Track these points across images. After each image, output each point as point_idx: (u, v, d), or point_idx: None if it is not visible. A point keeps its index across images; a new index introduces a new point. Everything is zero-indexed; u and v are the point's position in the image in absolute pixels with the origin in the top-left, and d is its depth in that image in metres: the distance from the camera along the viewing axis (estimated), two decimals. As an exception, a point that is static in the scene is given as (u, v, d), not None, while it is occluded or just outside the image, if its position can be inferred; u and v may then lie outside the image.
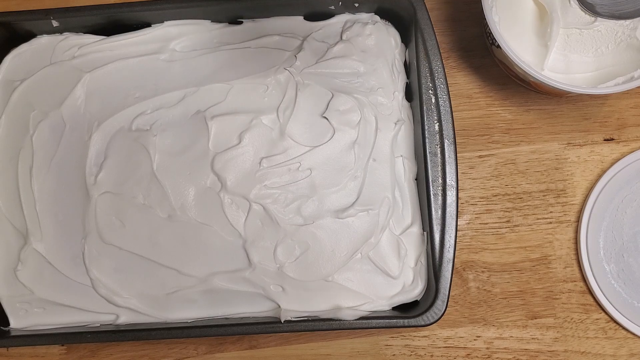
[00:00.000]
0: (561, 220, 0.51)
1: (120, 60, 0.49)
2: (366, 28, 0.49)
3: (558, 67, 0.48)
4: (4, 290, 0.49)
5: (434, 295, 0.45)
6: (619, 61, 0.47)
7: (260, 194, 0.46)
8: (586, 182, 0.52)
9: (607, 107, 0.52)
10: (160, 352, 0.51)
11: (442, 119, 0.47)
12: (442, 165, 0.47)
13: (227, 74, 0.49)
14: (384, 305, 0.47)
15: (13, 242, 0.49)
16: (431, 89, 0.47)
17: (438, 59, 0.47)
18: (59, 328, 0.48)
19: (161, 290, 0.47)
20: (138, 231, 0.47)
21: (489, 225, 0.52)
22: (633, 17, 0.45)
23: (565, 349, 0.50)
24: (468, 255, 0.51)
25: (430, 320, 0.45)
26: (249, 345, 0.51)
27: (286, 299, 0.46)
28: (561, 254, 0.51)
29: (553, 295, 0.51)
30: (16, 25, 0.50)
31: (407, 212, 0.48)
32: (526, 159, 0.52)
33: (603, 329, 0.51)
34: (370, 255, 0.47)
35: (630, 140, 0.52)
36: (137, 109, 0.48)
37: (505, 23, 0.46)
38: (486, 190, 0.52)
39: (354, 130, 0.47)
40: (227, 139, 0.47)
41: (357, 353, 0.51)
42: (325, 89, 0.48)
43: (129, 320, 0.48)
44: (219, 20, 0.50)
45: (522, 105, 0.53)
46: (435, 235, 0.46)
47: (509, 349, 0.50)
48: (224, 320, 0.47)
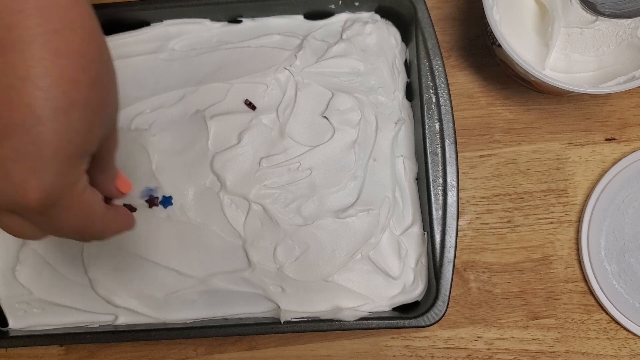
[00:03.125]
0: (562, 220, 0.51)
1: (119, 60, 0.49)
2: (366, 27, 0.49)
3: (559, 67, 0.48)
4: (2, 291, 0.48)
5: (435, 295, 0.45)
6: (620, 60, 0.47)
7: (259, 194, 0.46)
8: (587, 182, 0.52)
9: (608, 107, 0.52)
10: (160, 353, 0.51)
11: (442, 118, 0.47)
12: (442, 165, 0.47)
13: (227, 73, 0.49)
14: (385, 305, 0.46)
15: (12, 242, 0.48)
16: (432, 88, 0.47)
17: (439, 58, 0.47)
18: (58, 328, 0.48)
19: (160, 290, 0.47)
20: (137, 231, 0.47)
21: (489, 226, 0.51)
22: (634, 16, 0.45)
23: (566, 349, 0.50)
24: (469, 256, 0.51)
25: (431, 321, 0.45)
26: (248, 346, 0.51)
27: (286, 299, 0.46)
28: (562, 254, 0.51)
29: (554, 295, 0.51)
30: (15, 24, 0.50)
31: (407, 212, 0.48)
32: (527, 159, 0.52)
33: (604, 330, 0.50)
34: (370, 255, 0.46)
35: (632, 140, 0.52)
36: (136, 108, 0.48)
37: (506, 22, 0.46)
38: (487, 190, 0.52)
39: (354, 129, 0.47)
40: (227, 139, 0.47)
41: (358, 354, 0.51)
42: (325, 88, 0.48)
43: (128, 321, 0.47)
44: (219, 20, 0.50)
45: (523, 105, 0.52)
46: (436, 236, 0.46)
47: (510, 350, 0.50)
48: (224, 321, 0.47)
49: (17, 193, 0.26)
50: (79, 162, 0.28)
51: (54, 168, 0.26)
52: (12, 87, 0.25)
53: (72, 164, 0.27)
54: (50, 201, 0.27)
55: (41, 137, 0.25)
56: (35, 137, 0.25)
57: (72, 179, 0.28)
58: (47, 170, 0.26)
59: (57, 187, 0.27)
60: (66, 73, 0.25)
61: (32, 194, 0.26)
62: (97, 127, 0.27)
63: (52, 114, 0.25)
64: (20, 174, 0.26)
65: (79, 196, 0.28)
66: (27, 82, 0.25)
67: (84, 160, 0.28)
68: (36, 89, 0.25)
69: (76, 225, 0.29)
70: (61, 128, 0.26)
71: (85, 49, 0.26)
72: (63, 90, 0.25)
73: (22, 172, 0.26)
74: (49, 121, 0.25)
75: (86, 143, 0.27)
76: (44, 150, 0.25)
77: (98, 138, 0.28)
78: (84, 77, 0.26)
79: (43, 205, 0.27)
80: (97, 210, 0.30)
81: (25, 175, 0.26)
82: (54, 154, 0.26)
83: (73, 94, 0.26)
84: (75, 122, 0.26)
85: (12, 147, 0.25)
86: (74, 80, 0.26)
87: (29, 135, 0.25)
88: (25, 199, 0.26)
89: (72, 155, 0.27)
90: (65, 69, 0.25)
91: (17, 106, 0.25)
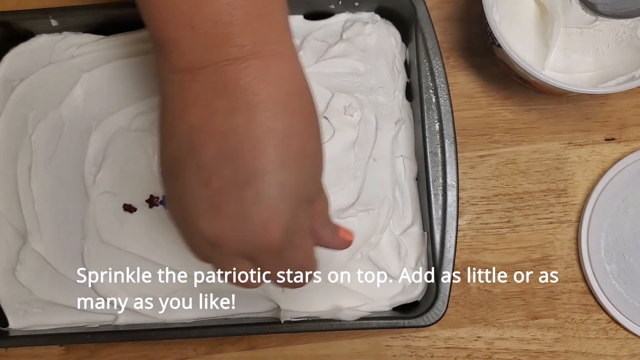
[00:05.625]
0: (562, 220, 0.51)
1: (119, 60, 0.49)
2: (366, 27, 0.49)
3: (559, 67, 0.48)
4: (2, 291, 0.48)
5: (435, 295, 0.45)
6: (620, 61, 0.47)
7: (260, 193, 0.46)
8: (587, 182, 0.52)
9: (608, 107, 0.52)
10: (160, 353, 0.51)
11: (442, 118, 0.47)
12: (442, 165, 0.47)
13: (227, 74, 0.48)
14: (384, 305, 0.46)
15: (12, 242, 0.48)
16: (432, 88, 0.47)
17: (438, 58, 0.47)
18: (58, 328, 0.48)
19: (160, 290, 0.47)
20: (137, 231, 0.47)
21: (489, 225, 0.51)
22: (634, 16, 0.45)
23: (566, 349, 0.50)
24: (469, 256, 0.51)
25: (431, 321, 0.45)
26: (248, 345, 0.51)
27: (286, 299, 0.46)
28: (562, 254, 0.51)
29: (554, 295, 0.51)
30: (15, 24, 0.50)
31: (407, 212, 0.48)
32: (527, 159, 0.52)
33: (604, 330, 0.50)
34: (370, 255, 0.46)
35: (632, 140, 0.52)
36: (137, 108, 0.48)
37: (506, 22, 0.46)
38: (487, 190, 0.52)
39: (354, 130, 0.47)
40: (227, 139, 0.47)
41: (357, 354, 0.51)
42: (325, 88, 0.48)
43: (128, 321, 0.47)
44: (219, 20, 0.50)
45: (522, 105, 0.52)
46: (436, 236, 0.46)
47: (509, 350, 0.50)
48: (224, 320, 0.47)
49: (259, 234, 0.29)
50: (307, 206, 0.31)
51: (290, 209, 0.29)
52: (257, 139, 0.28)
53: (302, 206, 0.30)
54: (288, 240, 0.29)
55: (281, 180, 0.29)
56: (276, 180, 0.28)
57: (303, 219, 0.31)
58: (286, 211, 0.29)
59: (293, 226, 0.30)
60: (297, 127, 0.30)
61: (274, 234, 0.29)
62: (319, 176, 0.32)
63: (289, 160, 0.29)
64: (261, 215, 0.29)
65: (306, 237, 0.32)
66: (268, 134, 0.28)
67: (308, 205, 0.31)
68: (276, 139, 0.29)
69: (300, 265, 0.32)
70: (296, 173, 0.29)
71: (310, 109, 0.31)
72: (297, 141, 0.29)
73: (264, 213, 0.29)
74: (287, 167, 0.29)
75: (312, 189, 0.31)
76: (283, 192, 0.29)
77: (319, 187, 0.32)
78: (310, 131, 0.31)
79: (283, 244, 0.29)
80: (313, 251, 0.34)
81: (266, 215, 0.29)
82: (290, 195, 0.29)
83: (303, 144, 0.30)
84: (306, 169, 0.30)
85: (254, 191, 0.28)
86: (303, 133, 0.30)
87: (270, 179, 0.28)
88: (267, 238, 0.29)
89: (303, 199, 0.30)
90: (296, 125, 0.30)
91: (259, 155, 0.28)
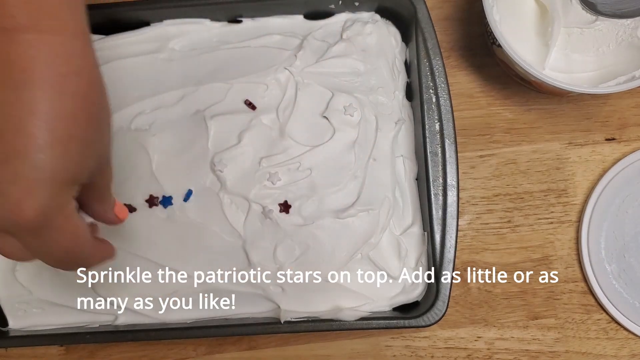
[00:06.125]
0: (562, 220, 0.51)
1: (119, 60, 0.49)
2: (366, 27, 0.49)
3: (559, 67, 0.48)
4: (2, 291, 0.48)
5: (435, 295, 0.45)
6: (620, 60, 0.47)
7: (259, 193, 0.46)
8: (587, 182, 0.52)
9: (608, 107, 0.52)
10: (160, 353, 0.51)
11: (442, 118, 0.47)
12: (442, 165, 0.47)
13: (227, 73, 0.48)
14: (385, 305, 0.46)
15: (12, 242, 0.48)
16: (432, 88, 0.47)
17: (439, 58, 0.47)
18: (58, 328, 0.48)
19: (160, 290, 0.47)
20: (137, 231, 0.47)
21: (490, 226, 0.51)
22: (634, 16, 0.45)
23: (566, 349, 0.50)
24: (469, 256, 0.51)
25: (431, 321, 0.45)
26: (248, 346, 0.51)
27: (286, 299, 0.46)
28: (562, 254, 0.51)
29: (554, 295, 0.51)
30: (15, 24, 0.50)
31: (407, 212, 0.48)
32: (527, 159, 0.52)
33: (604, 330, 0.50)
34: (370, 255, 0.46)
35: (632, 139, 0.52)
36: (136, 108, 0.48)
37: (506, 22, 0.46)
38: (487, 190, 0.52)
39: (354, 130, 0.47)
40: (227, 139, 0.47)
41: (357, 354, 0.51)
42: (325, 88, 0.48)
43: (128, 321, 0.47)
44: (219, 20, 0.50)
45: (523, 105, 0.52)
46: (436, 236, 0.46)
47: (510, 350, 0.50)
48: (224, 320, 0.47)
49: (13, 212, 0.29)
50: (70, 189, 0.31)
51: (48, 191, 0.29)
52: (20, 119, 0.28)
53: (63, 189, 0.30)
54: (43, 221, 0.29)
55: (40, 163, 0.28)
56: (35, 162, 0.28)
57: (63, 202, 0.30)
58: (42, 192, 0.29)
59: (50, 207, 0.29)
60: (68, 110, 0.29)
61: (27, 212, 0.29)
62: (90, 159, 0.31)
63: (52, 143, 0.28)
64: (17, 194, 0.28)
65: (69, 218, 0.31)
66: (33, 115, 0.28)
67: (74, 188, 0.31)
68: (41, 121, 0.28)
69: (65, 247, 0.32)
70: (59, 156, 0.29)
71: (87, 92, 0.30)
72: (64, 125, 0.29)
73: (19, 192, 0.28)
74: (49, 149, 0.28)
75: (79, 172, 0.30)
76: (41, 175, 0.29)
77: (89, 170, 0.31)
78: (83, 115, 0.30)
79: (37, 223, 0.29)
80: (84, 235, 0.33)
81: (21, 195, 0.28)
82: (49, 178, 0.29)
83: (72, 129, 0.29)
84: (72, 153, 0.29)
85: (12, 170, 0.28)
86: (75, 117, 0.29)
87: (29, 160, 0.28)
88: (20, 217, 0.29)
89: (65, 182, 0.30)
90: (67, 107, 0.29)
91: (21, 135, 0.28)
